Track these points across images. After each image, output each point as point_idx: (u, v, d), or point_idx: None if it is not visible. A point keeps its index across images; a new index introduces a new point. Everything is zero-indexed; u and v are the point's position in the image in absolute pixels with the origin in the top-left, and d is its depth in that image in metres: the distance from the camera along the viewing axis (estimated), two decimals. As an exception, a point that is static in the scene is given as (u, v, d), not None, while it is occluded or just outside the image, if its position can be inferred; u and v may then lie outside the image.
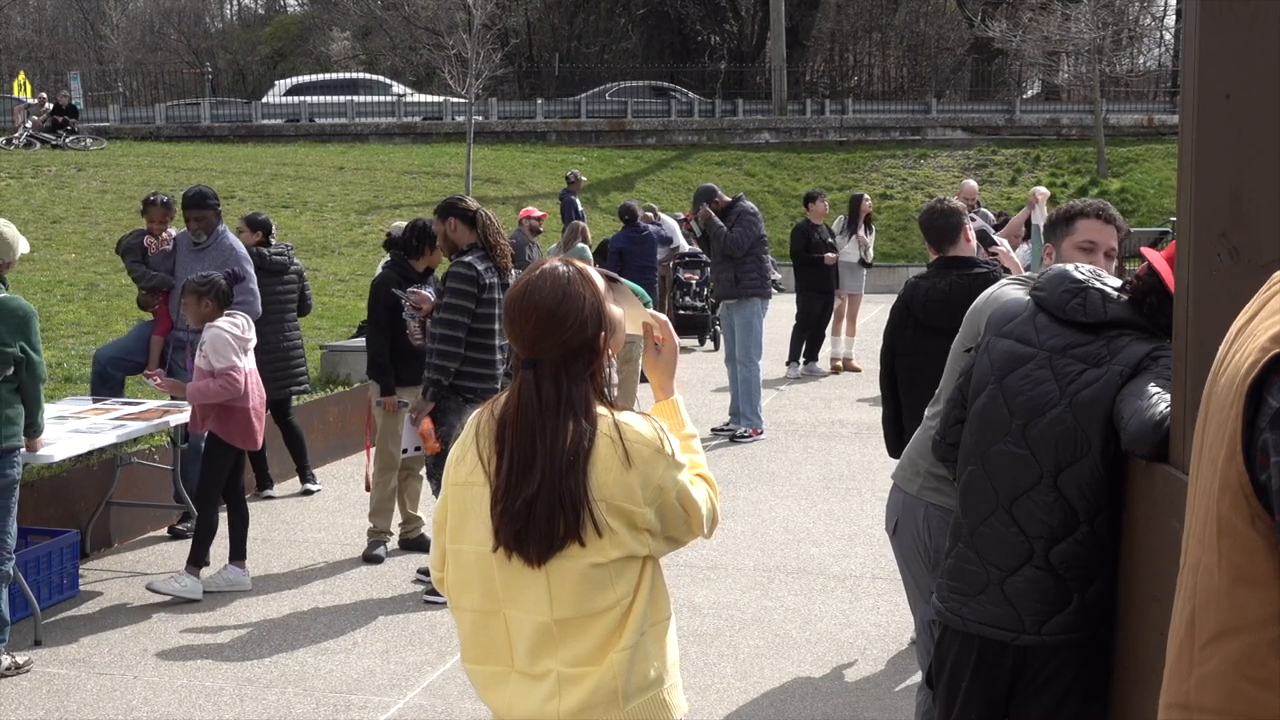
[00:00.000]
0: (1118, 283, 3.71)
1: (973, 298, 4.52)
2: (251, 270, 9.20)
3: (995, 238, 8.89)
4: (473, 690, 6.29)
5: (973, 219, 6.83)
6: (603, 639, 2.94)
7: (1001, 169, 34.87)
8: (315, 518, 9.57)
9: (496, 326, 7.55)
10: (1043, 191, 14.22)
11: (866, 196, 16.74)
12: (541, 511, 2.89)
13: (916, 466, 4.78)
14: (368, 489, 8.85)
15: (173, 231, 9.59)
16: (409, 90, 41.91)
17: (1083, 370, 3.54)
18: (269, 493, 10.09)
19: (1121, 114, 38.54)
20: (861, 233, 16.26)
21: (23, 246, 6.85)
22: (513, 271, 7.72)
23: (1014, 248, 10.62)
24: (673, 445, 3.00)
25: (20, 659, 6.61)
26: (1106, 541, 3.54)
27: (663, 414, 3.22)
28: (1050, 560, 3.54)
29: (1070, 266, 3.75)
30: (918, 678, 5.93)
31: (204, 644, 7.03)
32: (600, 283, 3.05)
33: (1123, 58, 44.82)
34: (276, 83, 42.97)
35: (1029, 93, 52.26)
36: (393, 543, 8.77)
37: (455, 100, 37.31)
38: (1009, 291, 4.22)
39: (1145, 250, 3.75)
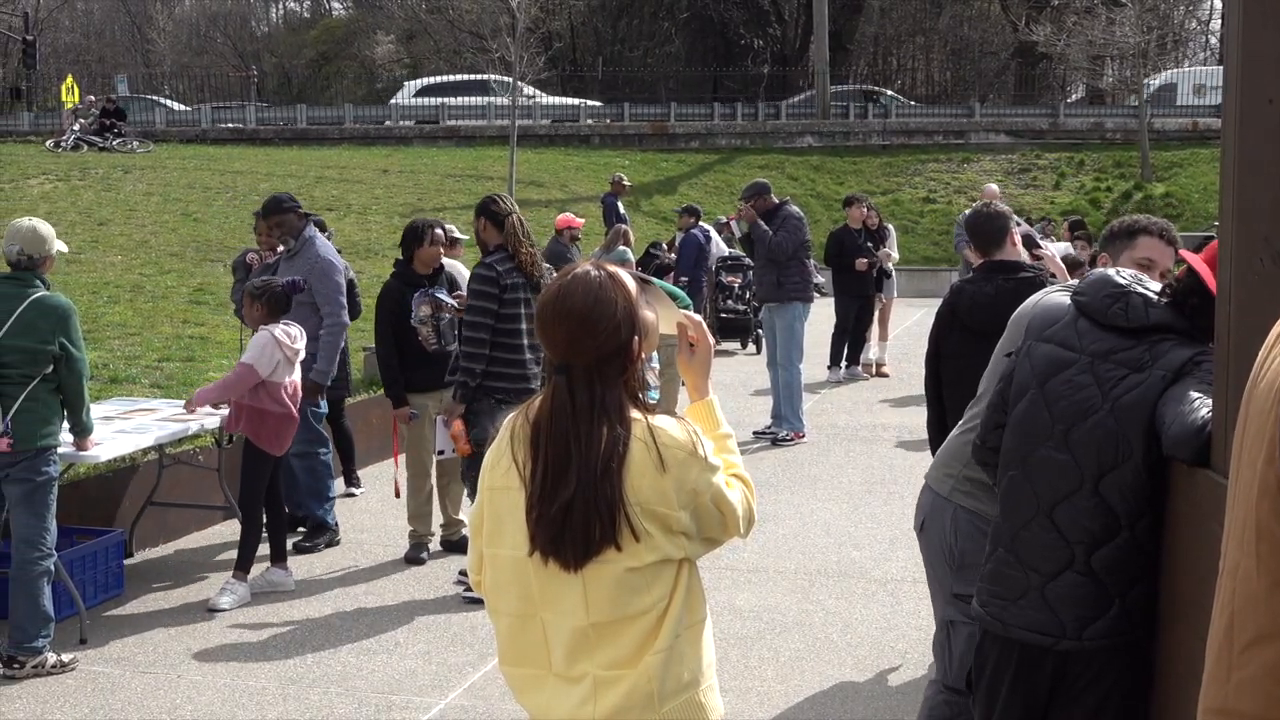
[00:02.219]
0: (1158, 286, 3.69)
1: (1019, 302, 4.50)
2: (340, 280, 8.89)
3: (1040, 241, 8.85)
4: (512, 691, 6.32)
5: (1018, 223, 6.80)
6: (639, 642, 2.95)
7: (1045, 173, 34.71)
8: (358, 519, 9.62)
9: (523, 327, 7.57)
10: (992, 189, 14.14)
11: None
12: (577, 517, 2.90)
13: (950, 468, 4.76)
14: (397, 495, 8.91)
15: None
16: (539, 92, 41.76)
17: (1125, 375, 3.52)
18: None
19: (1166, 118, 38.28)
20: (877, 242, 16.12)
21: (59, 245, 6.93)
22: (545, 276, 7.73)
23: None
24: (706, 448, 2.99)
25: (66, 657, 6.68)
26: (1147, 547, 3.52)
27: (697, 415, 3.22)
28: (1091, 565, 3.52)
29: (1112, 271, 3.73)
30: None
31: (247, 644, 7.08)
32: (633, 286, 3.04)
33: (1167, 62, 44.52)
34: (406, 83, 42.77)
35: (1073, 97, 52.02)
36: (435, 544, 8.80)
37: (500, 103, 37.46)
38: (1054, 298, 4.21)
39: (1184, 253, 3.74)
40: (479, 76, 42.64)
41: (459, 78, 43.63)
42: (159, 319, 14.49)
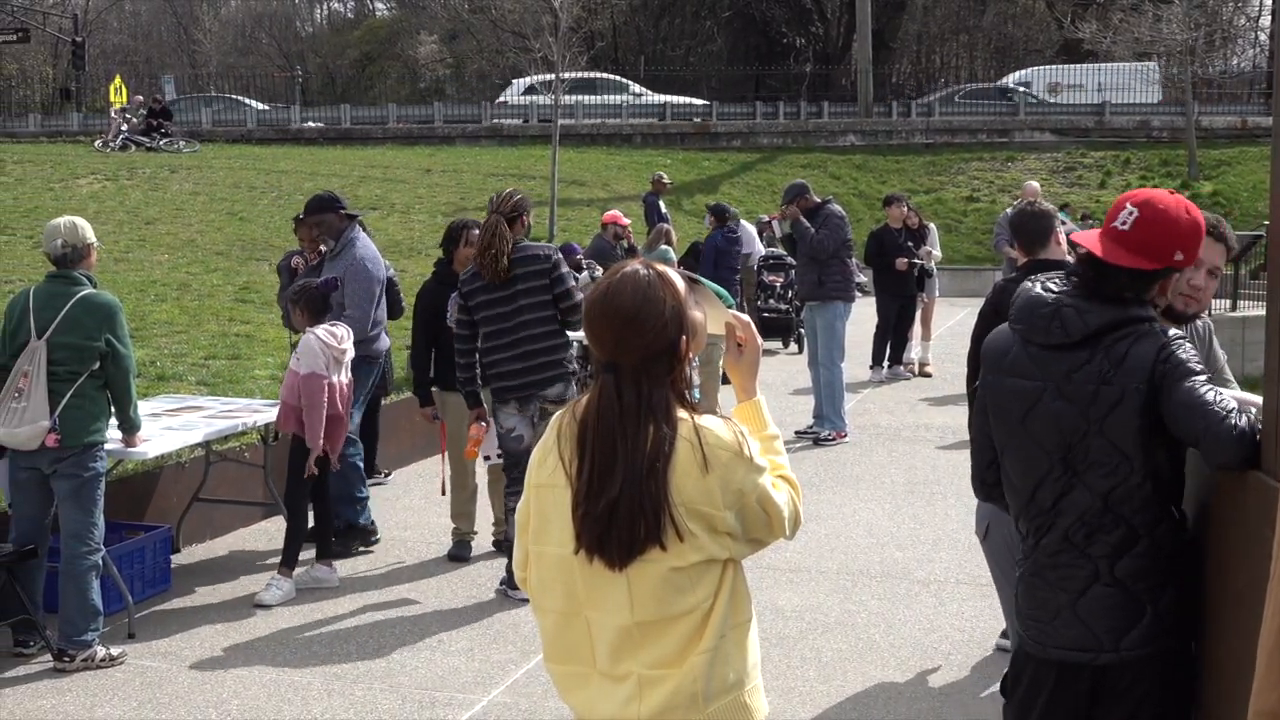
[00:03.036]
0: (1059, 281, 3.66)
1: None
2: (373, 286, 8.74)
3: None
4: (556, 689, 6.34)
5: (1062, 222, 6.78)
6: (683, 642, 2.94)
7: (1090, 171, 34.51)
8: (401, 516, 9.67)
9: (495, 327, 7.55)
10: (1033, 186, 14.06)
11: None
12: (623, 515, 2.90)
13: None
14: (443, 493, 8.94)
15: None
16: (646, 90, 41.58)
17: (1095, 389, 3.49)
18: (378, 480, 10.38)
19: (1214, 116, 37.98)
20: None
21: (92, 235, 7.04)
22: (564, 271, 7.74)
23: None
24: (752, 448, 2.98)
25: (114, 651, 6.75)
26: (1170, 550, 3.52)
27: (745, 415, 3.22)
28: (1116, 575, 3.52)
29: (1036, 288, 3.67)
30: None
31: (292, 640, 7.13)
32: (681, 285, 3.03)
33: (1216, 59, 44.19)
34: (514, 81, 42.70)
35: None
36: (485, 543, 8.80)
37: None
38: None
39: (1072, 236, 3.72)
40: (586, 75, 42.43)
41: (565, 75, 43.47)
42: (205, 317, 14.58)
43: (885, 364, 15.93)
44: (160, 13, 74.09)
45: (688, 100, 40.87)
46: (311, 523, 8.11)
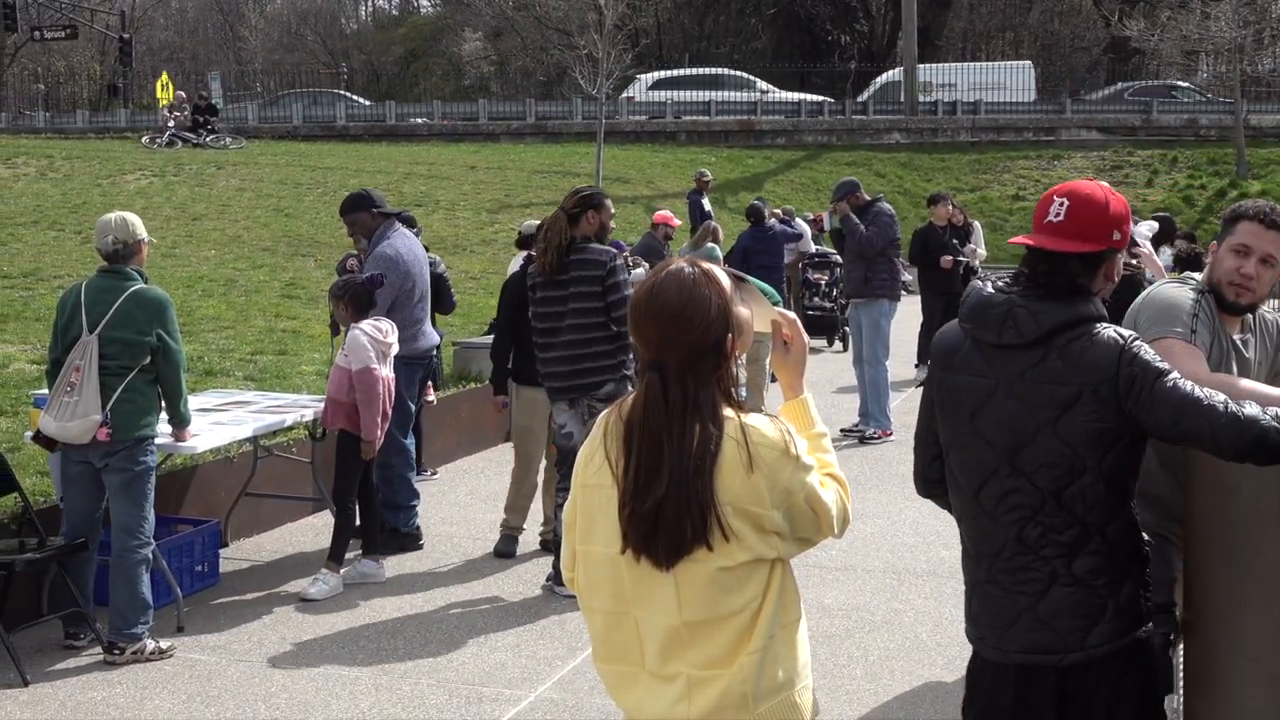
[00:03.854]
0: (1008, 280, 3.63)
1: (1115, 301, 4.44)
2: (394, 279, 8.53)
3: (1137, 239, 8.76)
4: (603, 686, 6.34)
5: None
6: (732, 642, 2.93)
7: (1137, 170, 34.28)
8: (448, 512, 9.69)
9: (547, 324, 7.53)
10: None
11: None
12: (669, 515, 2.88)
13: None
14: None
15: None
16: (773, 88, 41.41)
17: (1050, 389, 3.45)
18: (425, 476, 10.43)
19: (1263, 114, 37.65)
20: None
21: (144, 230, 7.07)
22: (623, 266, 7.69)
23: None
24: (799, 447, 2.96)
25: (164, 644, 6.80)
26: (1125, 546, 3.50)
27: (792, 413, 3.20)
28: (1075, 574, 3.48)
29: (987, 288, 3.63)
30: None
31: (340, 634, 7.16)
32: (727, 283, 3.01)
33: (1265, 57, 43.76)
34: (639, 77, 42.67)
35: (1167, 92, 51.21)
36: (531, 540, 8.81)
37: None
38: (1166, 291, 4.15)
39: (1017, 239, 3.72)
40: (711, 70, 42.10)
41: (691, 71, 43.19)
42: (252, 313, 14.68)
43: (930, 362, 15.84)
44: (206, 9, 74.62)
45: (820, 99, 40.56)
46: (358, 519, 8.14)
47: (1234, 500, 3.48)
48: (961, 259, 15.54)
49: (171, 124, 34.17)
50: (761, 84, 41.36)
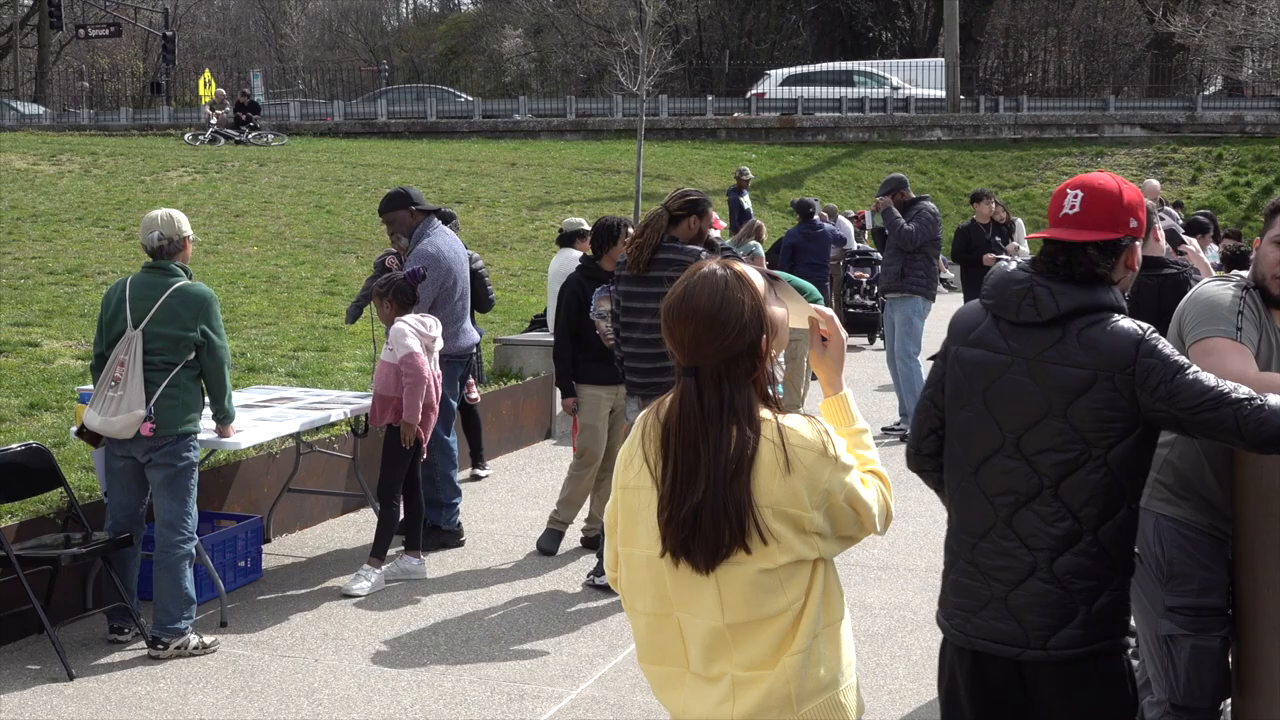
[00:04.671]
0: (1024, 264, 3.64)
1: (1161, 299, 4.41)
2: (434, 275, 8.53)
3: (1184, 236, 8.68)
4: (644, 683, 6.33)
5: (1161, 218, 6.67)
6: (776, 642, 2.92)
7: (1182, 167, 34.02)
8: (489, 509, 9.71)
9: (630, 320, 7.49)
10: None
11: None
12: (707, 520, 2.87)
13: None
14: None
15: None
16: (905, 84, 41.25)
17: (1064, 371, 3.45)
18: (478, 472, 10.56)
19: (1310, 111, 37.33)
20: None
21: (189, 227, 7.10)
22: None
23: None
24: (838, 447, 2.94)
25: (207, 639, 6.83)
26: (1113, 553, 3.48)
27: (831, 410, 3.19)
28: (1054, 572, 3.47)
29: (1012, 266, 3.66)
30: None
31: (381, 631, 7.18)
32: (760, 283, 2.99)
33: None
34: (770, 73, 42.52)
35: (1211, 89, 50.90)
36: (573, 538, 8.80)
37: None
38: (1208, 290, 4.11)
39: (1035, 235, 3.73)
40: (843, 66, 41.77)
41: (823, 67, 42.88)
42: (294, 309, 14.74)
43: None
44: (248, 7, 75.03)
45: (939, 95, 40.34)
46: (401, 515, 8.16)
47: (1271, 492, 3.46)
48: (1003, 256, 15.44)
49: (214, 121, 34.36)
50: (894, 79, 41.02)
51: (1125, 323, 3.44)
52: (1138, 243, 3.60)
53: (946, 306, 13.61)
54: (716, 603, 2.93)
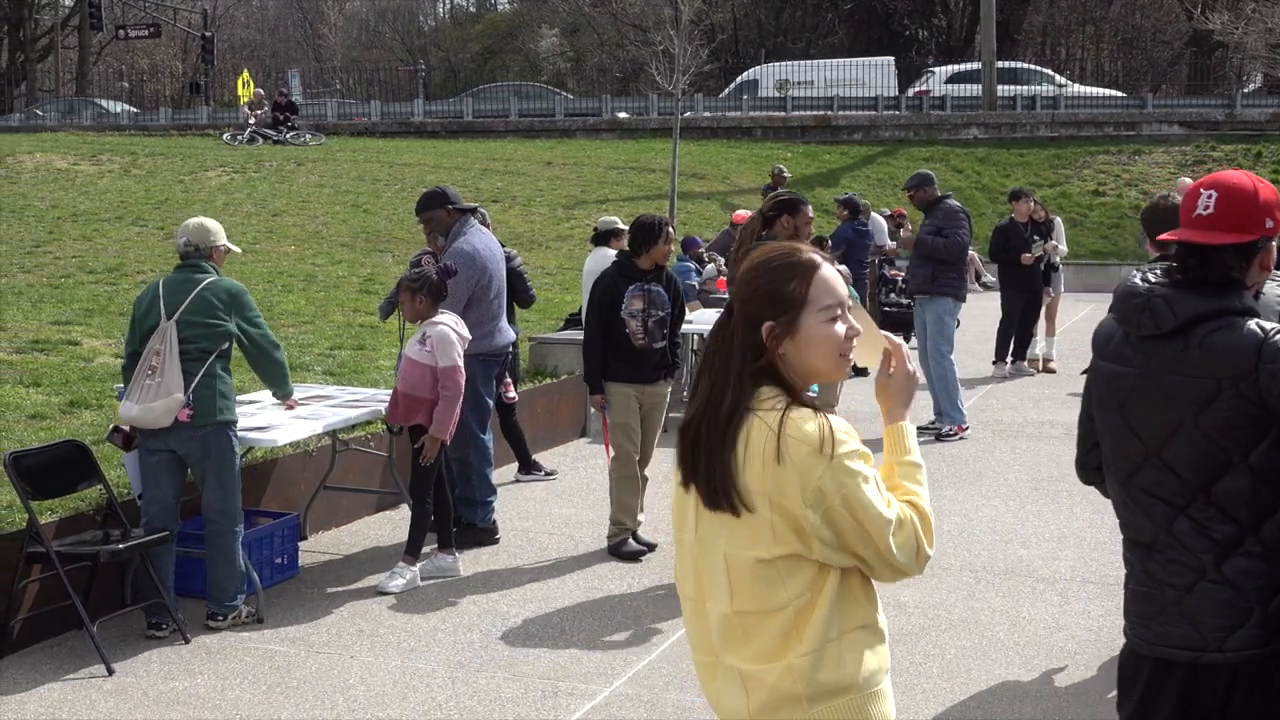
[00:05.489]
0: (1159, 272, 3.58)
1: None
2: (468, 275, 8.55)
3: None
4: (678, 681, 6.37)
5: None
6: (779, 639, 2.93)
7: (1220, 165, 33.73)
8: (523, 506, 9.74)
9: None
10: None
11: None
12: (703, 450, 2.97)
13: None
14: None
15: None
16: (1070, 82, 40.80)
17: (1190, 382, 3.40)
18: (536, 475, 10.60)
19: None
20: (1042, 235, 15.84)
21: (229, 243, 7.37)
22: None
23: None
24: (842, 449, 2.88)
25: (252, 608, 7.18)
26: (1278, 550, 3.41)
27: (888, 439, 3.19)
28: (1225, 574, 3.42)
29: (1135, 276, 3.61)
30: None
31: (416, 628, 7.22)
32: (817, 277, 3.00)
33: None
34: (935, 70, 42.24)
35: (1250, 86, 50.49)
36: (602, 534, 8.82)
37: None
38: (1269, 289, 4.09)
39: (1161, 237, 3.68)
40: (1009, 64, 41.15)
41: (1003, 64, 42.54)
42: (330, 308, 14.82)
43: (1009, 359, 15.74)
44: (287, 8, 75.40)
45: (1109, 93, 40.02)
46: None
47: None
48: (1041, 254, 15.39)
49: (252, 121, 34.56)
50: (1059, 78, 40.62)
51: (1248, 327, 3.37)
52: (1274, 242, 3.54)
53: (981, 305, 13.64)
54: (726, 588, 2.97)
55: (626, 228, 11.22)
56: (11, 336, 11.79)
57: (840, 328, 3.01)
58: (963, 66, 42.59)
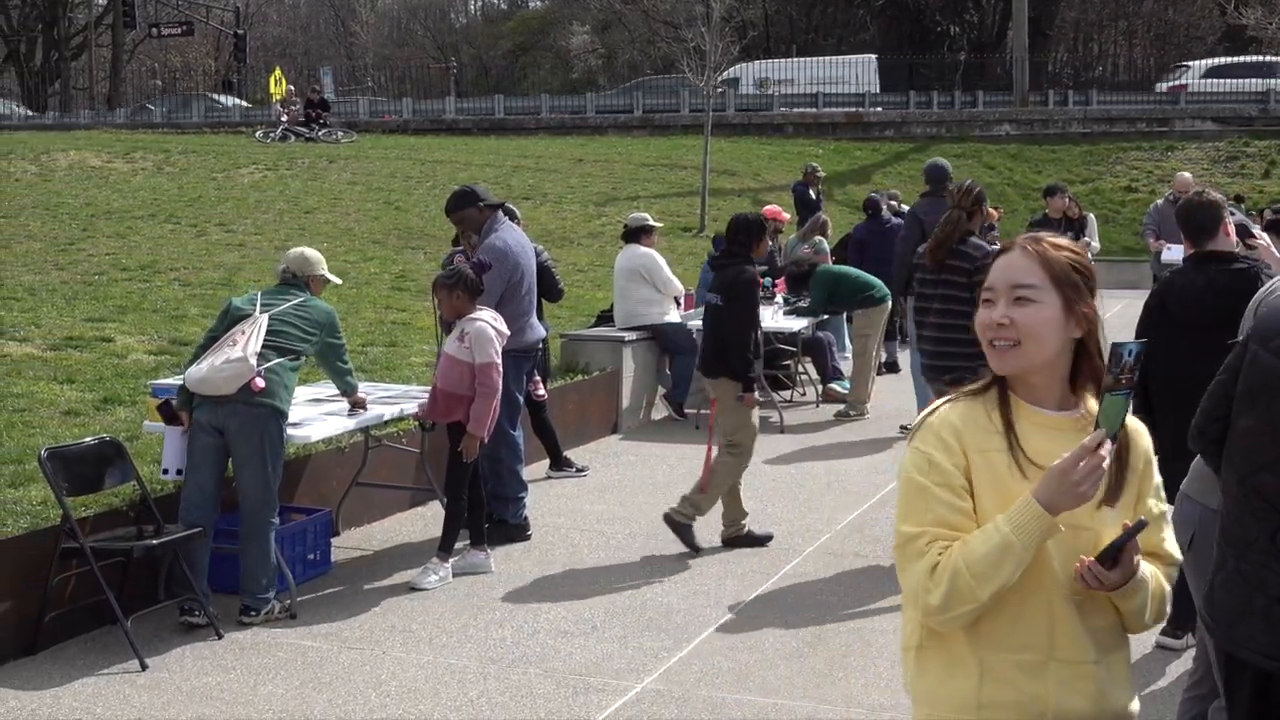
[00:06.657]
0: None
1: (1232, 295, 4.35)
2: (500, 271, 8.53)
3: (1255, 230, 8.58)
4: (709, 678, 6.36)
5: (1232, 213, 6.59)
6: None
7: (1254, 161, 33.54)
8: (555, 503, 9.75)
9: (922, 305, 8.14)
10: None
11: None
12: None
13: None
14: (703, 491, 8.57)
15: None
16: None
17: None
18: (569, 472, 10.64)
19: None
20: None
21: (329, 274, 7.86)
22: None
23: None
24: (914, 440, 2.86)
25: (285, 601, 7.23)
26: None
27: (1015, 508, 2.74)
28: None
29: None
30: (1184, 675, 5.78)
31: (447, 624, 7.23)
32: (996, 273, 2.93)
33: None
34: (1192, 64, 41.46)
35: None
36: (638, 531, 8.80)
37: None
38: None
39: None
40: (1267, 59, 40.28)
41: (1245, 59, 41.25)
42: (363, 305, 14.85)
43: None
44: (319, 6, 75.65)
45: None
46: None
47: None
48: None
49: (284, 118, 34.68)
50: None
51: None
52: None
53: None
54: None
55: (657, 224, 11.24)
56: (46, 333, 11.85)
57: (985, 313, 2.85)
58: (1224, 60, 41.73)
